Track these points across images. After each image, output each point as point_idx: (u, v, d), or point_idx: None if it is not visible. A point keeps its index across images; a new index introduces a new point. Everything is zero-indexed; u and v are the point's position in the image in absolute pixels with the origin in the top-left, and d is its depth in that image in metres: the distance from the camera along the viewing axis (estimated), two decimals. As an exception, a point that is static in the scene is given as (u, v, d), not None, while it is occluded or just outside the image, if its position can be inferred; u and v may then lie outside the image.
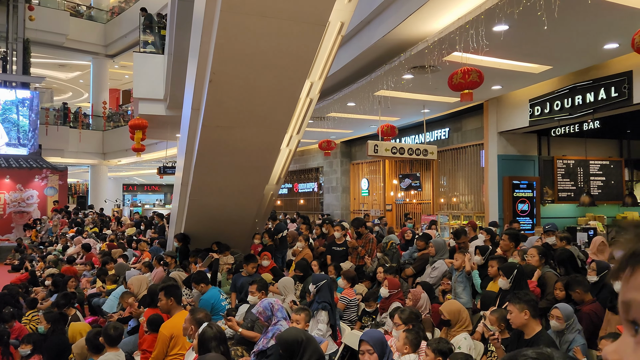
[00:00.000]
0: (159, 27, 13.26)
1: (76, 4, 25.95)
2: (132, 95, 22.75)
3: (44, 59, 25.85)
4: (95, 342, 4.14)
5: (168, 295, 4.67)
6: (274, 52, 5.32)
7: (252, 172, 7.16)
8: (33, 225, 17.75)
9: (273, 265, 7.53)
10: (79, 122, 23.81)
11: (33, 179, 19.17)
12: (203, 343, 3.73)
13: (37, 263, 12.18)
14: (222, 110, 6.05)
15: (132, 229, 14.10)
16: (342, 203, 17.16)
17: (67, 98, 33.09)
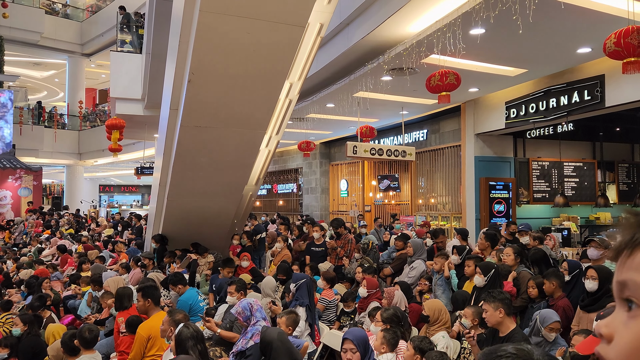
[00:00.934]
0: (137, 26, 13.12)
1: (51, 2, 25.48)
2: (109, 95, 22.48)
3: (18, 57, 25.32)
4: (71, 345, 4.09)
5: (145, 297, 4.63)
6: (252, 52, 5.32)
7: (231, 173, 7.14)
8: (6, 226, 17.36)
9: (252, 266, 7.53)
10: (54, 122, 23.40)
11: (6, 180, 18.79)
12: (180, 343, 3.72)
13: (10, 265, 11.92)
14: (201, 110, 6.03)
15: (110, 230, 13.93)
16: (322, 204, 17.20)
17: (42, 97, 32.46)
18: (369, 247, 7.54)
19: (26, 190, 19.07)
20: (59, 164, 24.70)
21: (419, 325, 5.01)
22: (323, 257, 7.68)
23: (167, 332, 4.10)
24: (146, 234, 10.20)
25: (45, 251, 11.94)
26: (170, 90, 6.59)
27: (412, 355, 3.34)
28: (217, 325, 4.89)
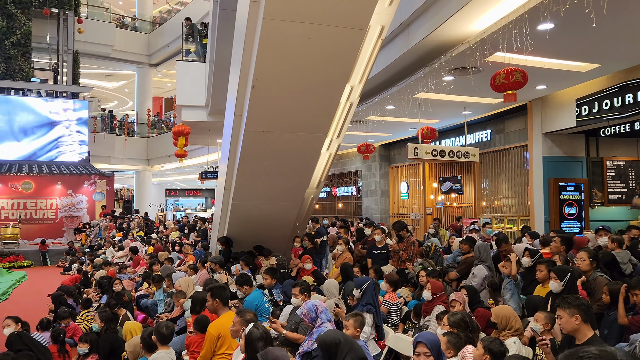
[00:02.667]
0: (201, 35, 13.58)
1: (121, 16, 26.89)
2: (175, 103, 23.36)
3: (92, 70, 26.90)
4: (149, 341, 4.29)
5: (214, 297, 4.78)
6: (315, 58, 5.39)
7: (293, 176, 7.24)
8: (83, 229, 18.43)
9: (314, 269, 7.59)
10: (125, 130, 24.61)
11: (82, 185, 19.92)
12: (250, 343, 3.81)
13: (87, 265, 12.65)
14: (264, 115, 6.16)
15: (176, 232, 14.46)
16: (381, 207, 17.09)
17: (113, 106, 34.27)
18: (432, 250, 7.42)
19: (100, 195, 20.15)
20: (129, 170, 25.96)
21: (487, 330, 4.87)
22: (385, 260, 7.62)
23: (238, 332, 4.21)
24: (211, 236, 10.51)
25: (118, 252, 12.56)
26: (234, 96, 6.77)
27: (481, 355, 3.26)
28: (282, 326, 4.97)
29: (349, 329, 4.21)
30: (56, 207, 19.63)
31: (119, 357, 5.54)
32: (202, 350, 4.68)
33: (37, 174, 19.34)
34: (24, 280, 13.75)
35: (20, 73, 20.83)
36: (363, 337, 4.56)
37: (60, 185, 19.61)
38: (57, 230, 19.52)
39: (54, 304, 8.04)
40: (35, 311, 9.00)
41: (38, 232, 19.16)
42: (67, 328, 6.75)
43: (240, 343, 4.05)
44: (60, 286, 10.01)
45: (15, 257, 16.60)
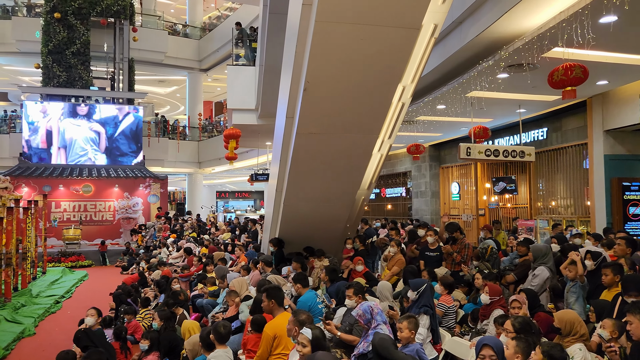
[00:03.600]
0: (250, 40, 13.79)
1: (173, 23, 27.73)
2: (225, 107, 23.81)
3: (146, 76, 27.85)
4: (208, 340, 4.39)
5: (270, 297, 4.84)
6: (367, 58, 5.37)
7: (344, 178, 7.24)
8: (139, 230, 19.10)
9: (366, 270, 7.55)
10: (177, 134, 25.33)
11: (138, 188, 20.65)
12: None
13: (144, 265, 13.08)
14: (316, 117, 6.19)
15: (228, 233, 14.74)
16: (432, 208, 16.83)
17: (166, 111, 35.37)
18: (488, 252, 7.24)
19: (154, 197, 20.82)
20: (181, 173, 26.69)
21: (549, 336, 4.70)
22: (438, 262, 7.50)
23: (292, 331, 4.25)
24: (263, 237, 10.66)
25: (174, 253, 12.92)
26: (286, 99, 6.83)
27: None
28: (336, 327, 4.97)
29: (403, 330, 4.16)
30: (114, 209, 20.43)
31: (178, 354, 5.70)
32: (258, 350, 4.75)
33: (96, 178, 20.20)
34: (86, 279, 14.38)
35: (80, 81, 21.83)
36: (419, 340, 4.51)
37: (118, 188, 20.40)
38: (114, 231, 20.32)
39: (115, 302, 8.36)
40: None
41: (97, 233, 20.02)
42: (128, 325, 7.02)
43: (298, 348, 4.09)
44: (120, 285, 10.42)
45: (77, 257, 17.40)
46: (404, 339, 4.12)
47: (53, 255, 17.03)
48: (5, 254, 10.93)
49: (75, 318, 9.28)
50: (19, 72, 27.87)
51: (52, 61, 21.51)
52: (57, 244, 18.53)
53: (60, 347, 6.79)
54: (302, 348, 3.60)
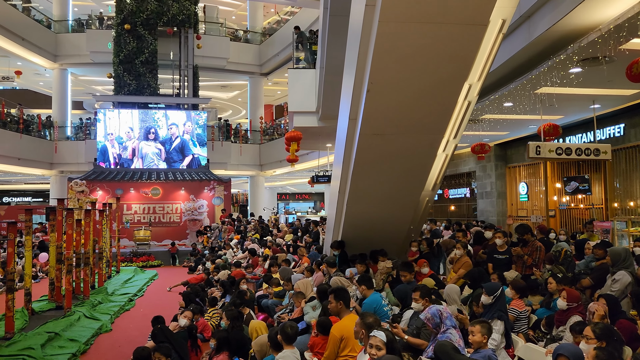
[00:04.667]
0: (310, 43, 13.88)
1: (235, 29, 28.44)
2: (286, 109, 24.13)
3: (209, 82, 28.74)
4: (276, 340, 4.45)
5: (337, 299, 4.84)
6: (432, 58, 5.28)
7: (408, 179, 7.15)
8: (204, 231, 19.71)
9: (431, 273, 7.41)
10: (240, 137, 25.94)
11: (203, 190, 21.33)
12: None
13: (209, 266, 13.47)
14: (380, 118, 6.15)
15: (290, 235, 14.92)
16: (498, 209, 16.28)
17: (228, 115, 36.34)
18: (562, 255, 6.91)
19: (219, 200, 21.42)
20: (243, 175, 27.30)
21: (632, 345, 4.42)
22: (507, 265, 7.26)
23: (359, 334, 4.23)
24: (325, 238, 10.70)
25: (239, 254, 13.22)
26: (348, 100, 6.83)
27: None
28: (403, 331, 4.90)
29: (475, 335, 4.05)
30: (180, 211, 21.20)
31: (246, 354, 5.81)
32: (325, 352, 4.76)
33: (163, 181, 21.04)
34: (156, 278, 14.98)
35: (149, 89, 22.84)
36: (493, 345, 4.37)
37: (184, 191, 21.15)
38: (181, 232, 21.07)
39: (184, 301, 8.65)
40: (166, 307, 9.77)
41: (165, 234, 20.85)
42: (197, 323, 7.24)
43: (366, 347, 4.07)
44: (188, 284, 10.79)
45: (147, 257, 18.19)
46: (475, 343, 4.00)
47: (125, 256, 17.89)
48: (84, 253, 11.59)
49: (147, 315, 9.66)
50: (93, 81, 29.53)
51: (123, 70, 22.63)
52: (128, 244, 19.46)
53: (135, 343, 7.12)
54: (377, 351, 3.56)
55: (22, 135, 22.10)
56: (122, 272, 15.56)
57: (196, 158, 22.72)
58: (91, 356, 7.38)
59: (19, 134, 21.98)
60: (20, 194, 36.42)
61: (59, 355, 7.01)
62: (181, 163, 22.63)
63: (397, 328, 4.72)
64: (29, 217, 9.23)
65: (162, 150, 22.51)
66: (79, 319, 9.05)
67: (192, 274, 14.59)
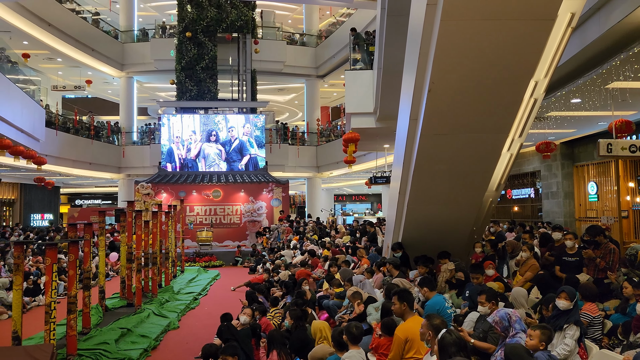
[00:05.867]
0: (367, 44, 13.87)
1: (291, 33, 28.83)
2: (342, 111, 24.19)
3: (266, 86, 29.27)
4: (341, 340, 4.48)
5: (401, 300, 4.82)
6: (497, 55, 5.16)
7: (471, 179, 7.01)
8: (263, 232, 20.08)
9: (496, 275, 7.22)
10: (297, 139, 26.26)
11: (261, 192, 21.75)
12: (443, 349, 3.76)
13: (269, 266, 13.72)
14: (442, 118, 6.07)
15: (348, 236, 14.94)
16: (565, 210, 15.60)
17: (285, 118, 36.87)
18: (638, 258, 6.55)
19: (277, 201, 21.78)
20: (301, 177, 27.61)
21: None
22: (577, 268, 6.96)
23: (425, 335, 4.20)
24: (384, 240, 10.65)
25: (298, 257, 13.38)
26: (409, 101, 6.77)
27: None
28: (469, 334, 4.82)
29: (534, 339, 3.95)
30: (240, 213, 21.71)
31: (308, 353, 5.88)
32: (390, 353, 4.75)
33: (224, 183, 21.62)
34: (218, 278, 15.43)
35: (209, 94, 23.56)
36: (566, 351, 4.22)
37: (243, 193, 21.64)
38: (241, 233, 21.58)
39: (248, 300, 8.85)
40: (229, 306, 10.03)
41: (226, 235, 21.43)
42: (260, 322, 7.39)
43: (432, 348, 4.03)
44: (251, 284, 11.03)
45: (209, 258, 18.75)
46: (530, 346, 3.90)
47: (189, 256, 18.53)
48: (152, 253, 12.12)
49: (212, 314, 10.02)
50: (157, 88, 30.79)
51: (185, 77, 23.47)
52: (191, 245, 20.14)
53: (202, 340, 7.38)
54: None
55: (93, 141, 23.36)
56: (187, 271, 16.13)
57: (254, 158, 23.20)
58: (161, 352, 7.71)
59: (90, 140, 23.25)
60: (91, 197, 38.51)
61: (132, 350, 7.36)
62: (240, 162, 23.18)
63: (462, 331, 4.64)
64: (102, 219, 9.76)
65: (223, 151, 23.15)
66: (149, 316, 9.47)
67: (252, 275, 14.91)
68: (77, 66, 24.98)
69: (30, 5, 18.74)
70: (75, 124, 23.22)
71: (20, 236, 18.73)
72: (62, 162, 20.95)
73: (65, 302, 7.36)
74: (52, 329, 6.35)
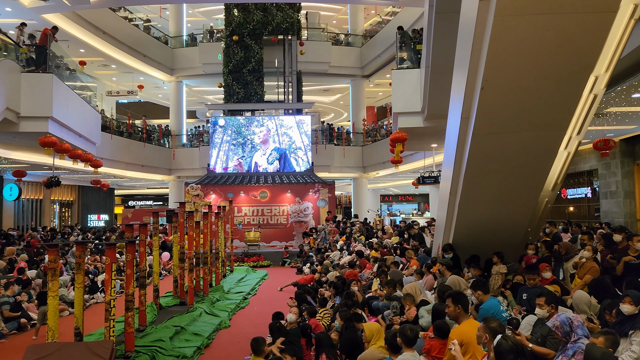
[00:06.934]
0: (414, 42, 13.70)
1: (336, 34, 28.85)
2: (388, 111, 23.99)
3: (312, 86, 29.41)
4: (394, 343, 4.44)
5: (456, 303, 4.73)
6: (554, 50, 5.00)
7: (526, 179, 6.81)
8: (310, 233, 20.18)
9: (553, 278, 6.98)
10: (342, 140, 26.24)
11: (308, 193, 21.86)
12: (500, 355, 3.67)
13: (316, 267, 13.76)
14: (495, 116, 5.93)
15: (396, 237, 14.79)
16: (626, 210, 14.88)
17: (330, 119, 36.92)
18: None
19: (323, 202, 21.84)
20: (347, 177, 27.57)
21: None
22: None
23: (482, 338, 4.11)
24: (434, 241, 10.49)
25: (345, 257, 13.36)
26: (460, 99, 6.65)
27: None
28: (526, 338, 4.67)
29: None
30: (287, 214, 21.89)
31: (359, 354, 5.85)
32: (444, 357, 4.67)
33: (270, 184, 21.86)
34: (266, 278, 15.61)
35: (255, 96, 23.90)
36: (633, 358, 4.02)
37: (290, 194, 21.81)
38: (288, 234, 21.76)
39: (297, 300, 8.91)
40: (278, 306, 10.12)
41: (273, 235, 21.66)
42: (309, 322, 7.42)
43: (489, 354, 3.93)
44: (298, 284, 11.10)
45: (257, 258, 19.01)
46: None
47: (237, 256, 18.84)
48: (202, 253, 12.40)
49: (261, 313, 10.15)
50: (205, 91, 31.50)
51: (232, 80, 23.90)
52: (240, 245, 20.47)
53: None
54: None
55: (145, 144, 24.13)
56: (236, 271, 16.41)
57: (300, 159, 23.35)
58: (213, 350, 7.86)
59: (142, 143, 24.03)
60: (143, 198, 39.83)
61: (186, 348, 7.54)
62: (287, 164, 23.38)
63: (520, 335, 4.51)
64: (156, 220, 10.06)
65: (270, 153, 23.42)
66: (201, 315, 9.68)
67: (300, 275, 15.00)
68: (129, 72, 25.90)
69: (86, 15, 19.59)
70: (128, 128, 24.06)
71: (78, 236, 19.58)
72: (116, 164, 21.75)
73: (121, 300, 7.63)
74: (111, 326, 6.59)
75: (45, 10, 16.63)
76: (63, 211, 28.24)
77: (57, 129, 13.09)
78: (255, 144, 23.46)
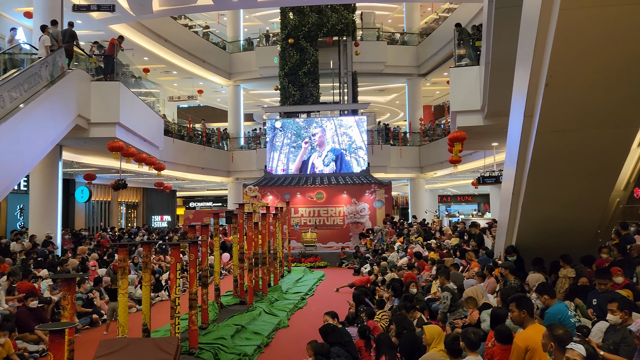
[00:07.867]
0: (473, 39, 13.39)
1: (391, 33, 28.63)
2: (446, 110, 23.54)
3: (367, 87, 29.32)
4: (455, 347, 4.35)
5: (520, 307, 4.57)
6: (624, 43, 4.77)
7: (594, 178, 6.50)
8: (367, 234, 20.10)
9: (626, 282, 6.62)
10: (399, 140, 25.99)
11: (364, 194, 21.78)
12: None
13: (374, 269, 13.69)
14: (560, 113, 5.71)
15: (456, 239, 14.49)
16: None
17: (386, 119, 36.67)
18: None
19: (379, 203, 21.69)
20: (403, 178, 27.28)
21: None
22: None
23: (547, 346, 3.95)
24: (495, 243, 10.19)
25: (403, 259, 13.22)
26: (523, 96, 6.44)
27: None
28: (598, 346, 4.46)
29: None
30: (343, 214, 21.90)
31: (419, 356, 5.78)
32: (508, 363, 4.53)
33: (327, 185, 21.96)
34: (323, 279, 15.67)
35: (311, 97, 24.09)
36: None
37: (346, 195, 21.82)
38: (344, 235, 21.76)
39: (355, 302, 8.90)
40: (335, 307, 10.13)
41: (330, 236, 21.73)
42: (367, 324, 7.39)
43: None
44: (356, 286, 11.08)
45: (314, 258, 19.13)
46: None
47: (295, 256, 19.05)
48: (261, 254, 12.62)
49: (319, 314, 10.17)
50: (262, 95, 32.12)
51: (288, 82, 24.20)
52: (296, 246, 20.68)
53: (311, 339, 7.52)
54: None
55: (205, 147, 24.87)
56: (293, 272, 16.59)
57: (356, 159, 23.33)
58: (273, 349, 7.98)
59: (202, 146, 24.79)
60: (203, 200, 41.09)
61: (246, 346, 7.70)
62: (343, 165, 23.44)
63: (590, 342, 4.31)
64: (217, 221, 10.34)
65: (326, 154, 23.56)
66: (260, 314, 9.86)
67: (356, 276, 14.97)
68: (190, 77, 26.82)
69: (149, 24, 20.47)
70: (189, 132, 24.90)
71: (144, 236, 20.45)
72: (177, 167, 22.57)
73: (184, 298, 7.90)
74: (177, 323, 6.83)
75: (112, 21, 17.54)
76: (129, 212, 29.59)
77: (123, 134, 13.74)
78: (313, 143, 23.65)
